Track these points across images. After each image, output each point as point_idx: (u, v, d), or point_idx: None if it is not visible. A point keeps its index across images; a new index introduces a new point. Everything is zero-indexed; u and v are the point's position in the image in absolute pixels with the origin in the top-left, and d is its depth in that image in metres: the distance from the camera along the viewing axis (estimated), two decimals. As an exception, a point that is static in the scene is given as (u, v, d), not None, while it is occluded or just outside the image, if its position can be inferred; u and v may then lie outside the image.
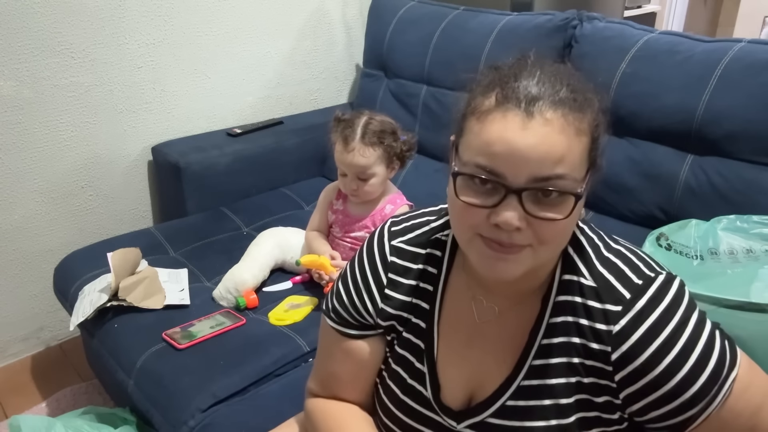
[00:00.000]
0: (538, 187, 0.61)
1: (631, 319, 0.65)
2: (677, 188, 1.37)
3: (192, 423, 1.14)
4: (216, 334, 1.32)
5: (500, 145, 0.61)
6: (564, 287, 0.70)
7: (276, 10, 2.11)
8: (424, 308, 0.78)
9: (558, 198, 0.62)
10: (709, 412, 0.64)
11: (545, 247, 0.64)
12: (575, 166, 0.62)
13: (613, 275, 0.69)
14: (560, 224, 0.62)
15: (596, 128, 0.65)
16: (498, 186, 0.62)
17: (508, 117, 0.61)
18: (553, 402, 0.69)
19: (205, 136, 2.01)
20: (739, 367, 0.66)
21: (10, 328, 1.87)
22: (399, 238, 0.81)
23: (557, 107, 0.61)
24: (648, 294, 0.66)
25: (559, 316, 0.70)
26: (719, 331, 0.68)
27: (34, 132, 1.73)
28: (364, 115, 1.43)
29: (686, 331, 0.65)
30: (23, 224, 1.79)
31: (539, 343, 0.71)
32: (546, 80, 0.63)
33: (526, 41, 1.65)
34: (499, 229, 0.62)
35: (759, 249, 1.10)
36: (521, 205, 0.61)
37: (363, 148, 1.39)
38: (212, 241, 1.73)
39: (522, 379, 0.71)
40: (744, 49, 1.33)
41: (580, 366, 0.69)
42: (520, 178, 0.61)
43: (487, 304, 0.75)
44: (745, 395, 0.66)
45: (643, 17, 3.20)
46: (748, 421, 0.66)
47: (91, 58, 1.76)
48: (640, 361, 0.65)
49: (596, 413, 0.69)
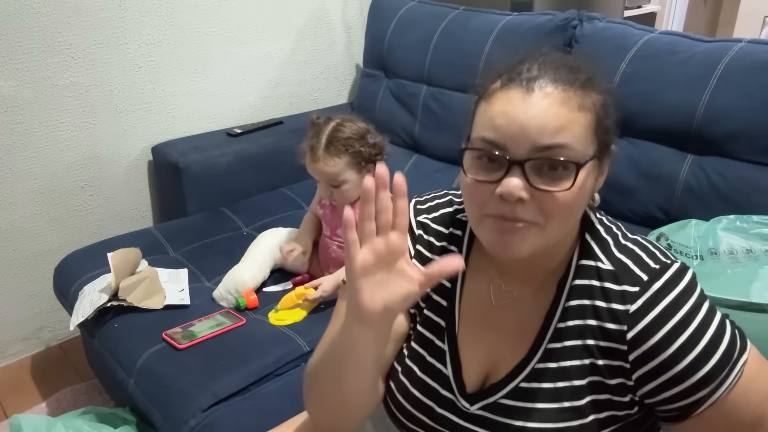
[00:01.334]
0: (539, 156, 0.63)
1: (648, 300, 0.67)
2: (677, 188, 1.37)
3: (192, 422, 1.14)
4: (216, 334, 1.32)
5: (502, 117, 0.64)
6: (581, 272, 0.72)
7: (276, 10, 2.11)
8: (446, 286, 0.79)
9: (562, 172, 0.63)
10: (718, 394, 0.65)
11: (552, 223, 0.65)
12: (578, 138, 0.64)
13: (631, 260, 0.70)
14: (564, 197, 0.63)
15: (602, 108, 0.67)
16: (502, 159, 0.64)
17: (511, 94, 0.65)
18: (567, 384, 0.70)
19: (205, 136, 2.01)
20: (750, 353, 0.67)
21: (10, 328, 1.87)
22: (424, 214, 0.82)
23: (557, 83, 0.64)
24: (665, 277, 0.68)
25: (574, 300, 0.71)
26: (729, 320, 0.69)
27: (34, 132, 1.73)
28: (332, 122, 1.43)
29: (699, 314, 0.66)
30: (23, 224, 1.79)
31: (555, 326, 0.71)
32: (548, 63, 0.67)
33: (526, 41, 1.66)
34: (504, 203, 0.64)
35: (759, 249, 1.10)
36: (525, 177, 0.63)
37: (328, 158, 1.40)
38: (212, 241, 1.73)
39: (537, 362, 0.72)
40: (744, 49, 1.33)
41: (594, 348, 0.70)
42: (521, 149, 0.63)
43: (505, 288, 0.75)
44: (755, 382, 0.66)
45: (643, 17, 3.20)
46: (757, 408, 0.66)
47: (91, 58, 1.76)
48: (654, 340, 0.66)
49: (608, 396, 0.70)
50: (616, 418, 0.70)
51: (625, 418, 0.71)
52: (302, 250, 1.53)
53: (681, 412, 0.67)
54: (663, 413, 0.69)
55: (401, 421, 0.81)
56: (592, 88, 0.67)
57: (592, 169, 0.67)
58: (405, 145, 1.99)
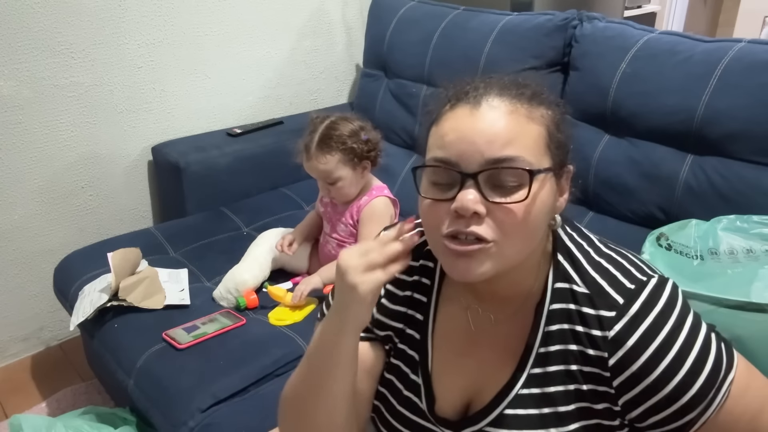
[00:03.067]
0: (491, 168, 0.62)
1: (626, 324, 0.65)
2: (677, 188, 1.37)
3: (192, 423, 1.14)
4: (216, 334, 1.32)
5: (452, 134, 0.65)
6: (557, 295, 0.70)
7: (276, 10, 2.11)
8: (419, 319, 0.78)
9: (514, 185, 0.63)
10: (707, 415, 0.64)
11: (509, 240, 0.64)
12: (529, 150, 0.64)
13: (606, 280, 0.68)
14: (519, 210, 0.63)
15: (552, 122, 0.67)
16: (455, 175, 0.64)
17: (458, 112, 0.66)
18: (552, 410, 0.69)
19: (205, 136, 2.01)
20: (737, 369, 0.66)
21: (10, 328, 1.87)
22: None
23: (503, 96, 0.65)
24: (641, 298, 0.66)
25: (554, 324, 0.70)
26: (715, 334, 0.67)
27: (34, 132, 1.73)
28: (327, 120, 1.45)
29: (681, 334, 0.64)
30: (23, 224, 1.79)
31: (537, 351, 0.70)
32: (494, 81, 0.68)
33: (526, 41, 1.66)
34: (459, 219, 0.63)
35: (759, 249, 1.10)
36: (479, 191, 0.62)
37: (320, 155, 1.42)
38: (212, 242, 1.73)
39: (521, 388, 0.70)
40: (744, 49, 1.33)
41: (578, 373, 0.68)
42: (473, 163, 0.63)
43: (482, 312, 0.75)
44: (743, 399, 0.65)
45: (643, 17, 3.20)
46: (748, 425, 0.65)
47: (91, 58, 1.76)
48: (637, 365, 0.64)
49: (597, 420, 0.69)
50: None
51: None
52: (292, 239, 1.55)
53: None
54: None
55: None
56: (539, 102, 0.66)
57: (549, 185, 0.66)
58: (405, 145, 1.99)
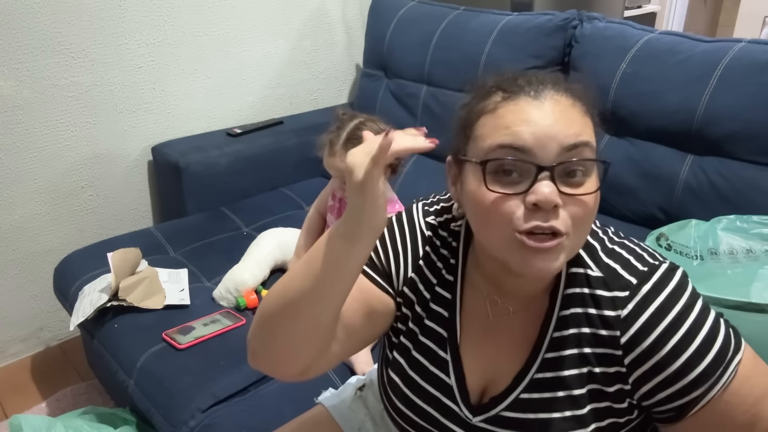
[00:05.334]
0: (568, 159, 0.62)
1: (638, 303, 0.67)
2: (677, 188, 1.37)
3: (192, 423, 1.14)
4: (216, 334, 1.32)
5: (522, 124, 0.63)
6: (571, 280, 0.72)
7: (276, 10, 2.11)
8: (447, 297, 0.78)
9: (583, 177, 0.63)
10: (712, 393, 0.65)
11: (577, 233, 0.64)
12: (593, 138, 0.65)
13: (619, 264, 0.70)
14: (591, 203, 0.64)
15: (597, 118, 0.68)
16: (527, 167, 0.62)
17: (520, 103, 0.64)
18: (567, 393, 0.70)
19: (205, 136, 2.01)
20: (744, 352, 0.67)
21: (10, 328, 1.87)
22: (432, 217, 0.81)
23: (559, 91, 0.65)
24: (653, 279, 0.68)
25: (569, 309, 0.71)
26: (723, 319, 0.69)
27: (34, 132, 1.73)
28: (356, 119, 1.42)
29: (692, 314, 0.66)
30: (23, 224, 1.79)
31: (551, 336, 0.71)
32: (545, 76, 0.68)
33: (527, 41, 1.66)
34: (536, 212, 0.61)
35: (759, 249, 1.10)
36: (554, 184, 0.61)
37: (344, 155, 1.38)
38: (212, 241, 1.73)
39: (535, 372, 0.71)
40: (744, 49, 1.33)
41: (591, 356, 0.70)
42: (549, 153, 0.62)
43: (501, 304, 0.75)
44: (749, 381, 0.66)
45: (643, 17, 3.20)
46: (751, 408, 0.66)
47: (91, 58, 1.76)
48: (647, 342, 0.66)
49: (608, 403, 0.70)
50: (618, 425, 0.71)
51: (627, 425, 0.71)
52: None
53: (676, 412, 0.67)
54: (659, 414, 0.69)
55: (403, 426, 0.81)
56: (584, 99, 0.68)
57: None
58: (405, 145, 1.99)
